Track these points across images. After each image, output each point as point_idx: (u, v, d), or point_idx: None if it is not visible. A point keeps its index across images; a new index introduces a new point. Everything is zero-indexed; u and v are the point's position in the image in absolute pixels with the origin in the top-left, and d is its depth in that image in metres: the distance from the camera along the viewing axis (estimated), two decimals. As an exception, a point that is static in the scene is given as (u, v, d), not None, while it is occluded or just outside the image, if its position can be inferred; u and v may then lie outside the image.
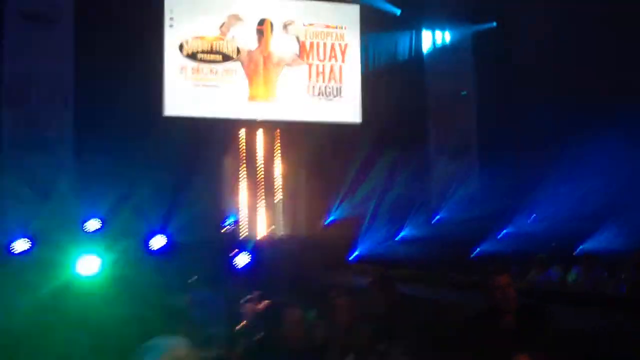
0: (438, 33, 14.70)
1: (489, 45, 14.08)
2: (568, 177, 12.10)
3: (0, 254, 9.46)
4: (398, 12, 13.89)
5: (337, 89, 13.43)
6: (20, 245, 9.77)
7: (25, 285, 7.39)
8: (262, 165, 13.30)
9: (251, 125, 13.10)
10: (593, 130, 11.45)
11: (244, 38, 12.82)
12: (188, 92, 12.34)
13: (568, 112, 12.29)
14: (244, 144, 13.21)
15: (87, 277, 9.26)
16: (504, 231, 13.01)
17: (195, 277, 7.42)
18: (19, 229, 10.02)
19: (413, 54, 14.43)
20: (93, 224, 10.54)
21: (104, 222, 10.55)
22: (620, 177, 11.49)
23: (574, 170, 11.89)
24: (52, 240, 9.57)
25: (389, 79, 13.12)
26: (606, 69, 11.66)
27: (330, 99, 13.35)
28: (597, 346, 4.11)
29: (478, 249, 12.36)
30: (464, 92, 13.40)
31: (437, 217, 13.56)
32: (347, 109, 13.45)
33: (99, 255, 9.63)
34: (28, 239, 9.83)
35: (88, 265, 9.44)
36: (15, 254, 9.68)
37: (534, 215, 13.37)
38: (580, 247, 11.55)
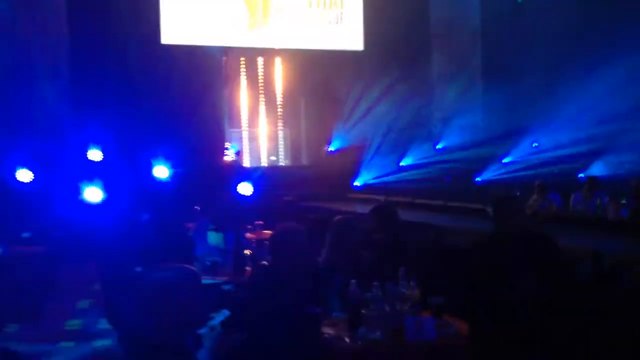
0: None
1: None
2: (571, 103, 12.01)
3: (2, 184, 9.48)
4: None
5: (338, 15, 13.06)
6: (23, 175, 9.78)
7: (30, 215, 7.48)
8: (263, 95, 13.13)
9: (250, 53, 12.82)
10: (597, 57, 11.27)
11: (243, -38, 12.36)
12: (185, 19, 12.01)
13: (573, 38, 12.04)
14: (244, 72, 13.00)
15: (92, 205, 9.39)
16: (507, 158, 13.01)
17: (199, 206, 7.47)
18: (20, 159, 10.01)
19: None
20: (94, 154, 10.51)
21: (105, 153, 10.51)
22: (623, 104, 11.38)
23: (577, 97, 11.78)
24: (54, 170, 9.60)
25: (392, 4, 12.70)
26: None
27: (332, 26, 13.01)
28: (600, 266, 4.16)
29: (481, 176, 12.40)
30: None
31: (441, 143, 13.50)
32: (349, 35, 13.13)
33: (102, 185, 9.74)
34: (29, 169, 9.83)
35: (92, 194, 9.55)
36: (19, 184, 9.71)
37: (536, 142, 13.34)
38: (581, 173, 11.60)
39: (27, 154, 10.05)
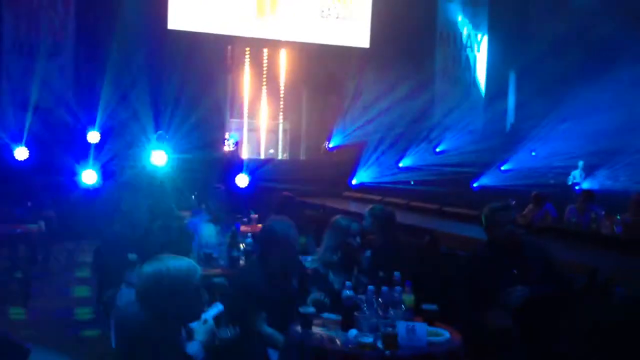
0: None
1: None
2: (572, 114, 12.06)
3: (2, 161, 9.45)
4: None
5: (347, 11, 13.01)
6: (20, 153, 9.76)
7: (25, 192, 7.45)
8: (265, 86, 13.09)
9: (255, 44, 12.77)
10: (599, 70, 11.34)
11: (252, -49, 12.29)
12: (193, 5, 11.95)
13: (576, 52, 12.09)
14: (248, 63, 12.95)
15: (90, 186, 9.39)
16: (505, 165, 13.04)
17: (195, 194, 7.46)
18: (18, 135, 9.98)
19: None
20: (93, 136, 10.47)
21: (103, 135, 10.48)
22: (622, 118, 11.44)
23: (578, 108, 11.84)
24: (53, 150, 9.57)
25: (400, 3, 12.65)
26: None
27: (339, 21, 12.96)
28: (593, 280, 4.18)
29: (478, 182, 12.42)
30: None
31: (440, 147, 13.51)
32: (356, 32, 13.08)
33: (98, 167, 9.72)
34: (27, 147, 9.80)
35: (89, 177, 9.55)
36: (17, 161, 9.68)
37: (534, 151, 13.38)
38: (578, 185, 11.64)
39: (25, 131, 10.02)
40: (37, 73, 10.44)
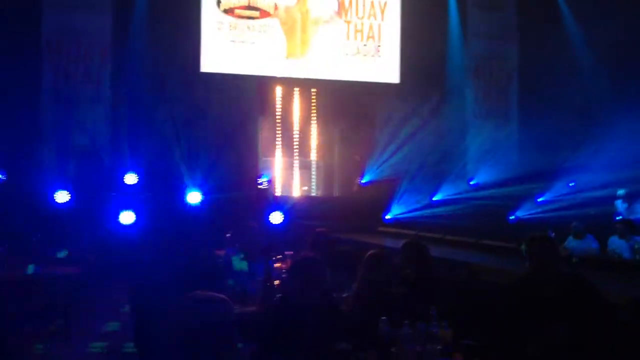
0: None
1: (536, 5, 13.57)
2: (610, 143, 11.80)
3: (43, 203, 9.70)
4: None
5: (375, 47, 13.17)
6: (61, 196, 10.01)
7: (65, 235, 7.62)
8: (298, 124, 13.24)
9: (287, 83, 12.99)
10: (634, 95, 11.11)
11: (282, -6, 12.62)
12: (224, 48, 12.27)
13: (612, 76, 11.90)
14: (280, 102, 13.15)
15: (126, 228, 9.55)
16: (542, 197, 12.78)
17: (230, 233, 7.50)
18: (59, 180, 10.26)
19: (455, 12, 13.97)
20: (130, 178, 10.70)
21: (140, 177, 10.70)
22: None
23: (616, 137, 11.58)
24: (92, 192, 9.80)
25: (429, 39, 12.74)
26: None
27: (368, 58, 13.11)
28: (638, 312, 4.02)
29: (515, 214, 12.20)
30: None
31: (474, 180, 13.36)
32: (386, 68, 13.20)
33: (137, 208, 9.90)
34: (68, 191, 10.05)
35: (127, 217, 9.73)
36: (57, 204, 9.92)
37: (573, 182, 13.10)
38: (620, 215, 11.31)
39: (66, 176, 10.30)
40: (77, 119, 10.81)
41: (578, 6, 13.02)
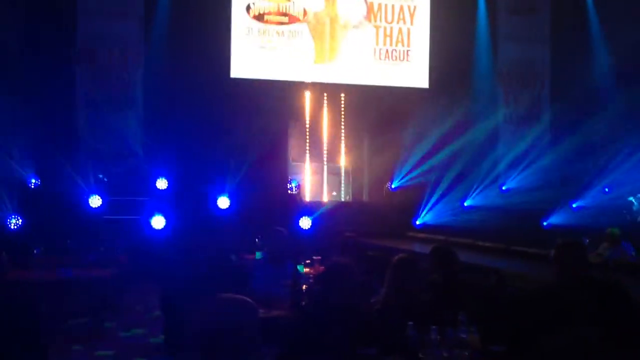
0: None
1: (568, 10, 13.36)
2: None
3: (77, 208, 9.92)
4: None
5: (404, 52, 13.12)
6: (95, 201, 10.21)
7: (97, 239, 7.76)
8: (327, 130, 13.24)
9: (316, 88, 13.01)
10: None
11: (311, -1, 12.68)
12: (254, 54, 12.37)
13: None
14: (309, 107, 13.18)
15: (157, 232, 9.69)
16: (576, 203, 12.55)
17: (258, 238, 7.54)
18: (94, 185, 10.47)
19: (484, 16, 13.83)
20: (161, 183, 10.87)
21: (171, 182, 10.85)
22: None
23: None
24: (124, 197, 9.98)
25: (459, 44, 12.63)
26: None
27: (397, 63, 13.07)
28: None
29: (548, 220, 12.00)
30: None
31: (506, 185, 13.18)
32: (415, 73, 13.14)
33: (167, 213, 10.04)
34: (100, 195, 10.25)
35: (158, 222, 9.87)
36: (91, 208, 10.13)
37: (607, 187, 12.83)
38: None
39: (99, 181, 10.52)
40: (109, 125, 11.02)
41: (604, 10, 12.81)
